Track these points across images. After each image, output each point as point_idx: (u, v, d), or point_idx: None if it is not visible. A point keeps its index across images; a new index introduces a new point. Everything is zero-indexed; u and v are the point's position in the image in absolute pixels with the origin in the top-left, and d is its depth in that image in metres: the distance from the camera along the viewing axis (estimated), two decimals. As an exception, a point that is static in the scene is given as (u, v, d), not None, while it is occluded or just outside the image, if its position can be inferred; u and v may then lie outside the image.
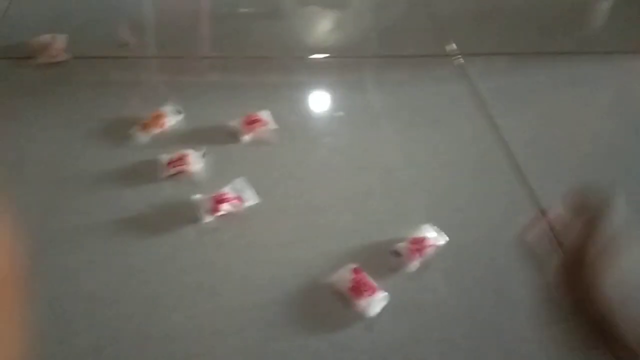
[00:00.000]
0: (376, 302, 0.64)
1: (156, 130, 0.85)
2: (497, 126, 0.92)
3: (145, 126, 0.85)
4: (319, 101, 0.97)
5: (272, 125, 0.87)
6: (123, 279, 0.67)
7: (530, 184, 0.82)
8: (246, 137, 0.85)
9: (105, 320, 0.62)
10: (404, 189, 0.80)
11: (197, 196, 0.74)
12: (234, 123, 0.87)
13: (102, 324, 0.61)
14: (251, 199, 0.76)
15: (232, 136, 0.86)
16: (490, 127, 0.92)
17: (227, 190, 0.75)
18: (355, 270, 0.66)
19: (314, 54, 1.08)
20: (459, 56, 1.07)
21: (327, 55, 1.07)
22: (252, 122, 0.86)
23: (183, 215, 0.74)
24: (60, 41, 1.01)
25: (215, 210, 0.73)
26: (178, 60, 1.04)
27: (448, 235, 0.71)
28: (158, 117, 0.86)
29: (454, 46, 1.09)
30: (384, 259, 0.69)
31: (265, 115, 0.88)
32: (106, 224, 0.73)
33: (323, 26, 1.19)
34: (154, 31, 1.11)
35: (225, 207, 0.74)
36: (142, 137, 0.84)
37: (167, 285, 0.66)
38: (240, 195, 0.75)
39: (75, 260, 0.68)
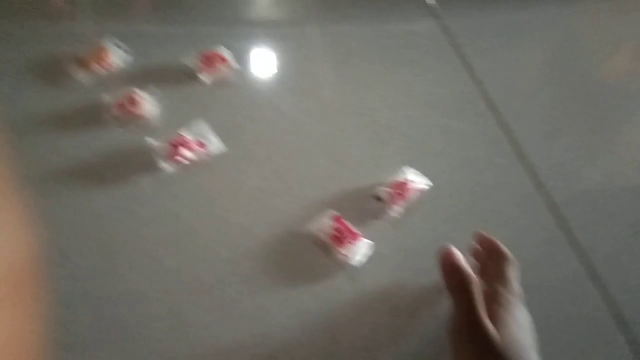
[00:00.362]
0: (360, 250, 0.59)
1: (98, 69, 0.74)
2: (472, 67, 0.88)
3: (84, 63, 0.73)
4: (282, 39, 0.89)
5: (233, 64, 0.78)
6: (71, 236, 0.58)
7: (509, 125, 0.79)
8: (204, 77, 0.76)
9: (54, 284, 0.53)
10: (380, 131, 0.75)
11: (151, 140, 0.65)
12: (189, 61, 0.77)
13: (51, 288, 0.53)
14: (214, 145, 0.68)
15: (188, 75, 0.76)
16: (465, 68, 0.88)
17: (187, 135, 0.66)
18: (336, 218, 0.60)
19: (274, -12, 0.98)
20: (429, -6, 1.01)
21: (288, -10, 0.98)
22: (210, 60, 0.76)
23: (137, 163, 0.65)
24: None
25: (174, 156, 0.64)
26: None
27: (430, 179, 0.67)
28: (99, 53, 0.74)
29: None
30: (365, 206, 0.64)
31: (224, 52, 0.79)
32: (48, 175, 0.63)
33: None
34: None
35: (185, 153, 0.65)
36: (83, 77, 0.73)
37: (123, 241, 0.58)
38: (202, 140, 0.67)
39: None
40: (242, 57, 0.80)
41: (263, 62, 0.83)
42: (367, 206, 0.64)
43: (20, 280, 0.22)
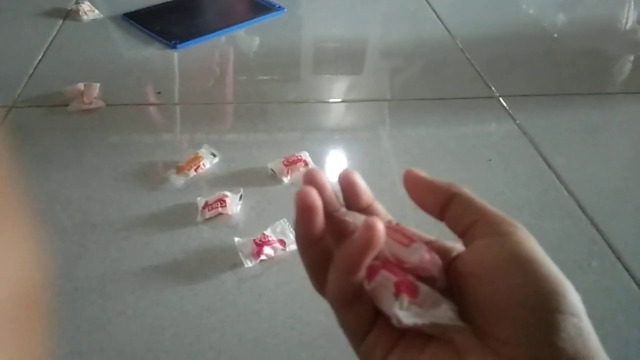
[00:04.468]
0: None
1: (191, 174, 0.80)
2: (552, 166, 0.86)
3: (180, 169, 0.80)
4: (361, 142, 0.93)
5: (312, 165, 0.82)
6: (156, 331, 0.59)
7: (598, 225, 0.74)
8: (286, 179, 0.80)
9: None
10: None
11: (237, 239, 0.68)
12: (273, 165, 0.82)
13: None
14: (294, 243, 0.69)
15: (272, 178, 0.81)
16: (545, 167, 0.86)
17: (269, 233, 0.69)
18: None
19: (350, 97, 1.05)
20: (502, 97, 1.03)
21: (362, 99, 1.05)
22: (292, 163, 0.81)
23: (221, 260, 0.67)
24: (93, 89, 0.99)
25: (257, 254, 0.66)
26: (210, 106, 1.01)
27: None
28: (194, 160, 0.81)
29: (495, 88, 1.05)
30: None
31: (304, 156, 0.83)
32: (138, 272, 0.66)
33: (356, 75, 1.17)
34: (184, 80, 1.09)
35: (267, 251, 0.67)
36: (177, 181, 0.80)
37: (205, 338, 0.58)
38: (283, 239, 0.69)
39: (103, 312, 0.61)
40: (320, 159, 0.84)
41: (339, 163, 0.87)
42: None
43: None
